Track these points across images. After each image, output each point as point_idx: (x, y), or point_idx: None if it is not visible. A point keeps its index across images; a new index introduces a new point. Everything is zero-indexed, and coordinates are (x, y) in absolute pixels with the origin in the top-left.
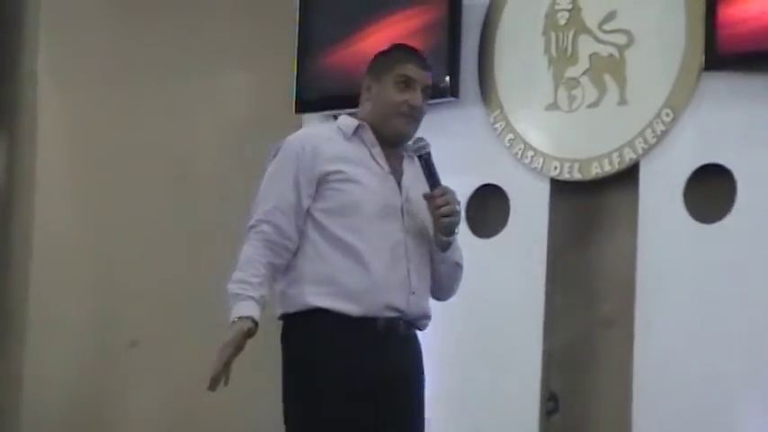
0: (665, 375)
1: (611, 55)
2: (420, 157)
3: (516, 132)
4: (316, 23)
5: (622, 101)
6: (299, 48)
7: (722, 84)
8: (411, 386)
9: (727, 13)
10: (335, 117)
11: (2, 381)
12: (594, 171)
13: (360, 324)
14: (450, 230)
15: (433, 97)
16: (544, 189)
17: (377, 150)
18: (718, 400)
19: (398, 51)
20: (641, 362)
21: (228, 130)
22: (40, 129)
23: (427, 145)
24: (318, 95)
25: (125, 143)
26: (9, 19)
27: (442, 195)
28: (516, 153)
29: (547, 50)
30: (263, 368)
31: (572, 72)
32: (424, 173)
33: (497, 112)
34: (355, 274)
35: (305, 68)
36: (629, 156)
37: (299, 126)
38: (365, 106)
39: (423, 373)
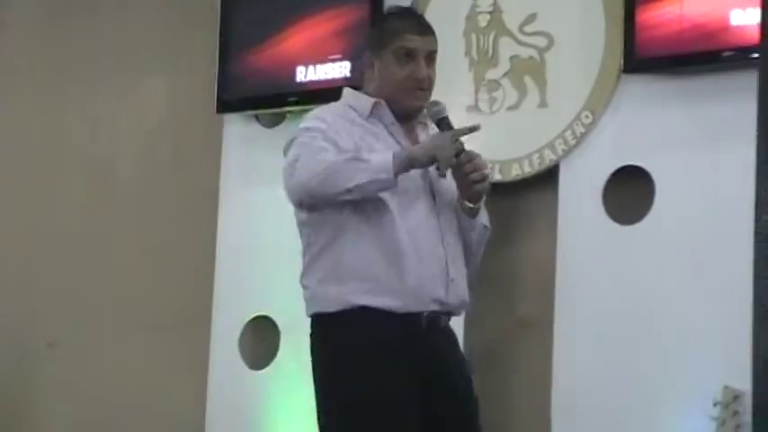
0: (583, 377)
1: (531, 57)
2: (439, 122)
3: None
4: (237, 24)
5: (543, 103)
6: (220, 49)
7: (641, 86)
8: (458, 377)
9: (645, 17)
10: (257, 117)
11: None
12: (515, 173)
13: (404, 321)
14: (480, 197)
15: None
16: None
17: (395, 128)
18: (637, 403)
19: (393, 21)
20: (560, 363)
21: (148, 132)
22: None
23: (443, 108)
24: (240, 96)
25: (44, 144)
26: None
27: (469, 161)
28: None
29: (467, 52)
30: (180, 369)
31: (492, 74)
32: None
33: None
34: (393, 267)
35: (226, 69)
36: (549, 157)
37: (221, 127)
38: (371, 84)
39: (465, 360)
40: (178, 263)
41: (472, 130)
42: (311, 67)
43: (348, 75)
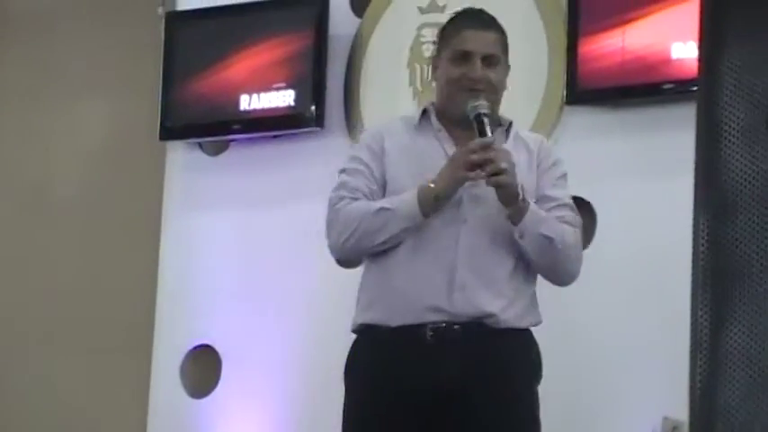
0: None
1: None
2: (475, 118)
3: None
4: (181, 51)
5: None
6: (163, 74)
7: (583, 117)
8: (478, 400)
9: (587, 49)
10: (200, 145)
11: None
12: None
13: (402, 336)
14: (505, 192)
15: (297, 126)
16: None
17: (442, 134)
18: None
19: (455, 21)
20: None
21: (89, 157)
22: None
23: (481, 105)
24: (183, 123)
25: None
26: None
27: (475, 151)
28: None
29: (412, 82)
30: (121, 395)
31: None
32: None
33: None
34: (382, 279)
35: (170, 96)
36: None
37: (163, 153)
38: (435, 88)
39: (512, 381)
40: (120, 288)
41: (484, 145)
42: (255, 96)
43: (292, 103)
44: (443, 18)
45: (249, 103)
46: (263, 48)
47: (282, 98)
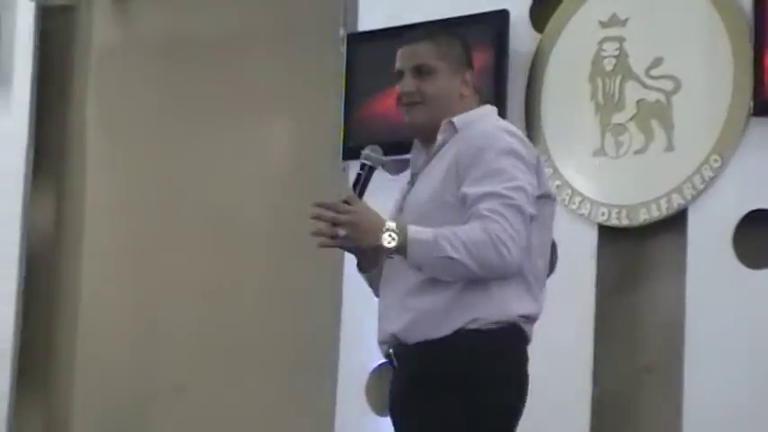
0: (713, 422)
1: (658, 101)
2: (361, 166)
3: (563, 178)
4: (362, 70)
5: (669, 147)
6: (345, 94)
7: None
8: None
9: None
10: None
11: (50, 425)
12: (642, 217)
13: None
14: (359, 248)
15: None
16: (592, 235)
17: (412, 155)
18: None
19: None
20: (690, 409)
21: (273, 179)
22: (89, 178)
23: (370, 156)
24: (365, 142)
25: (170, 192)
26: (58, 67)
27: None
28: (563, 199)
29: (593, 96)
30: (307, 415)
31: (619, 118)
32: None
33: (544, 158)
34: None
35: (351, 116)
36: (677, 201)
37: (346, 173)
38: None
39: (400, 414)
40: (305, 308)
41: (327, 207)
42: None
43: None
44: (625, 32)
45: None
46: None
47: None
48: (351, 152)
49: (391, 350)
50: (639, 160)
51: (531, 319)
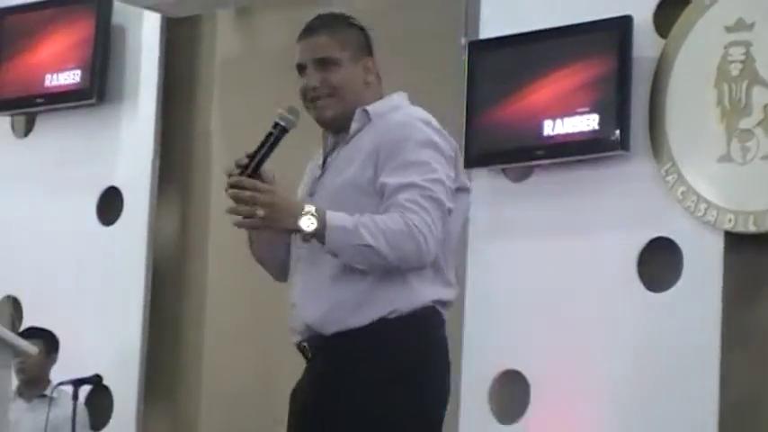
0: None
1: None
2: (274, 125)
3: (688, 185)
4: (484, 79)
5: None
6: (467, 104)
7: None
8: (308, 418)
9: None
10: (504, 171)
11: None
12: None
13: (300, 353)
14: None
15: (601, 151)
16: (718, 242)
17: (322, 149)
18: None
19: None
20: None
21: None
22: (213, 188)
23: (285, 116)
24: (487, 150)
25: None
26: (182, 79)
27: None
28: (689, 206)
29: (719, 102)
30: None
31: (745, 123)
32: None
33: (668, 164)
34: None
35: (473, 123)
36: None
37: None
38: None
39: (326, 400)
40: None
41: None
42: (558, 121)
43: (596, 127)
44: (752, 36)
45: (552, 128)
46: (566, 73)
47: (586, 122)
48: (473, 159)
49: (305, 343)
50: (767, 166)
51: (447, 304)
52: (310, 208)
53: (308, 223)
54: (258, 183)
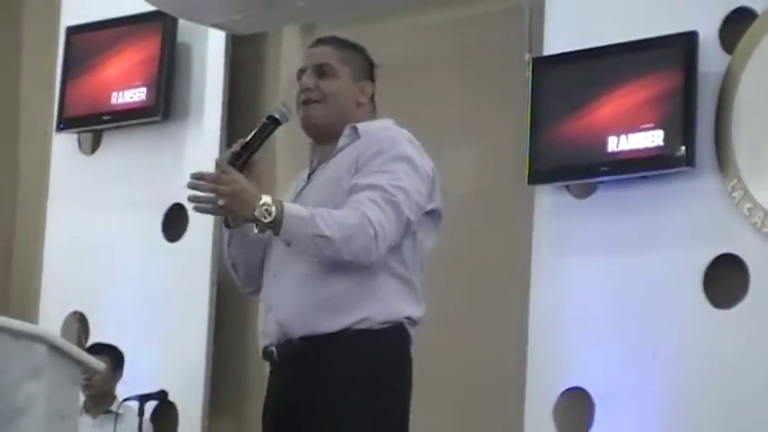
0: None
1: None
2: (268, 117)
3: (755, 201)
4: (548, 95)
5: None
6: (531, 119)
7: None
8: (289, 423)
9: None
10: (568, 188)
11: None
12: None
13: (268, 359)
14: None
15: (667, 167)
16: None
17: (309, 156)
18: None
19: None
20: None
21: (458, 202)
22: None
23: (281, 109)
24: (551, 166)
25: None
26: (247, 97)
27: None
28: (755, 222)
29: None
30: (500, 425)
31: None
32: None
33: (735, 180)
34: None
35: (537, 140)
36: None
37: (532, 197)
38: None
39: (311, 406)
40: (491, 332)
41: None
42: (623, 137)
43: (661, 143)
44: None
45: (617, 144)
46: (631, 88)
47: (651, 138)
48: (537, 176)
49: (273, 348)
50: None
51: (415, 322)
52: (267, 198)
53: (264, 213)
54: (219, 175)
